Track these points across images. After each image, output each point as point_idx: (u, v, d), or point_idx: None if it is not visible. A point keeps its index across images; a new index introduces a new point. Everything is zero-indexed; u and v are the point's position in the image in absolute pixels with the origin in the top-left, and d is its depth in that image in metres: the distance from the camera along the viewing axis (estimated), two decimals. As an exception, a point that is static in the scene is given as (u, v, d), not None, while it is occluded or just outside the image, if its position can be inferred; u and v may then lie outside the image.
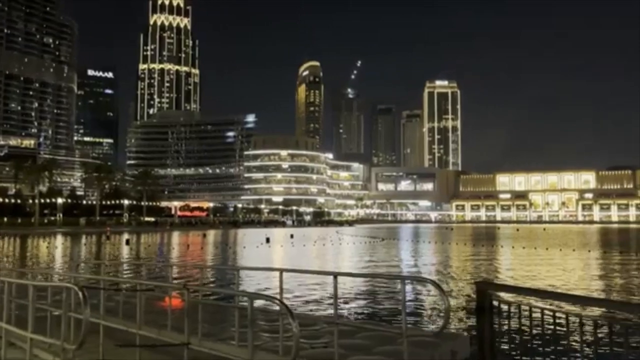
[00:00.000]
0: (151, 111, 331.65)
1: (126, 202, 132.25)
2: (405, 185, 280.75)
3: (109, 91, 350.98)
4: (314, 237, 78.47)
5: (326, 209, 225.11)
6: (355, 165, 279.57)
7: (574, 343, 4.48)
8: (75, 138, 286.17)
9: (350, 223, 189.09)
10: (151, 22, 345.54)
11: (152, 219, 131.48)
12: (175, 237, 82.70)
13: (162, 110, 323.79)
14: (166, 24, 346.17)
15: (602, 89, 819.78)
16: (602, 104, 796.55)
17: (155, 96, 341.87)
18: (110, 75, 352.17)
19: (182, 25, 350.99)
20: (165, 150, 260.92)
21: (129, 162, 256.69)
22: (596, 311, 7.22)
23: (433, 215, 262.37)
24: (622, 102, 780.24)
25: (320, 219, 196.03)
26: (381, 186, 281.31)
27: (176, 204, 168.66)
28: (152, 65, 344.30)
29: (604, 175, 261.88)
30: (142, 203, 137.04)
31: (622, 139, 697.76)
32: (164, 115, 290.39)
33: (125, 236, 73.82)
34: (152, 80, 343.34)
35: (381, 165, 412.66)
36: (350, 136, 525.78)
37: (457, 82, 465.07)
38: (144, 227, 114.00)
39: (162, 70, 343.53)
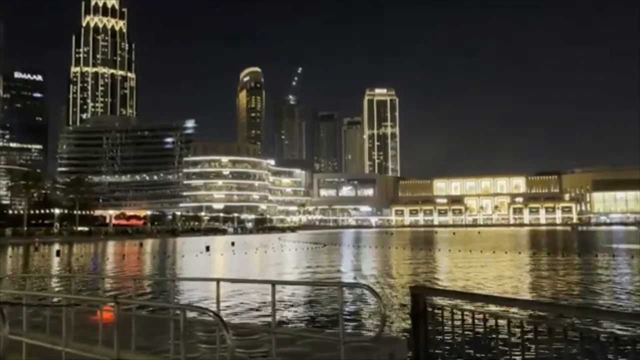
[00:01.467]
0: (84, 116, 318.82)
1: (57, 211, 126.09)
2: (346, 191, 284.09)
3: (38, 95, 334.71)
4: (256, 244, 77.79)
5: (268, 216, 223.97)
6: (298, 171, 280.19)
7: (502, 345, 4.63)
8: (0, 144, 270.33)
9: (293, 229, 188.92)
10: (84, 24, 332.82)
11: (86, 229, 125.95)
12: (110, 247, 79.57)
13: (96, 115, 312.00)
14: (100, 26, 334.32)
15: (533, 98, 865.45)
16: (533, 112, 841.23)
17: (89, 100, 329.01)
18: (39, 78, 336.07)
19: (117, 28, 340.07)
20: (99, 156, 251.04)
21: (60, 169, 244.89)
22: (524, 312, 7.53)
23: (373, 220, 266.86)
24: (551, 111, 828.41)
25: (263, 225, 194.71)
26: (323, 192, 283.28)
27: (111, 212, 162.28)
28: (85, 69, 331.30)
29: (533, 180, 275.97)
30: (75, 212, 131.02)
31: (550, 145, 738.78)
32: (98, 120, 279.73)
33: (56, 247, 70.21)
34: (85, 84, 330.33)
35: (323, 171, 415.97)
36: (292, 142, 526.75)
37: (396, 90, 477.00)
38: (77, 237, 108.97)
39: (95, 74, 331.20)
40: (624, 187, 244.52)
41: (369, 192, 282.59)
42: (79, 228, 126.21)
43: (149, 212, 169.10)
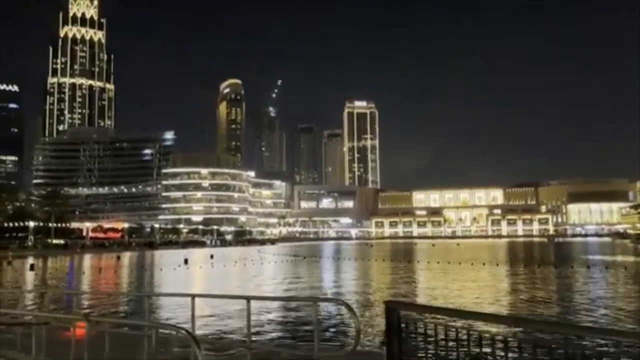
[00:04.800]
0: (61, 127, 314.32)
1: (32, 223, 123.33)
2: (327, 203, 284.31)
3: (13, 105, 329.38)
4: (235, 257, 77.15)
5: (248, 228, 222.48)
6: (278, 183, 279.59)
7: (476, 358, 4.69)
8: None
9: (273, 242, 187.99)
10: (62, 34, 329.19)
11: (61, 242, 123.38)
12: (87, 260, 78.12)
13: (74, 126, 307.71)
14: (78, 36, 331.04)
15: (512, 112, 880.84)
16: (512, 125, 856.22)
17: (66, 112, 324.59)
18: (14, 88, 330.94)
19: (95, 39, 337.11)
20: (76, 168, 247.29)
21: (35, 181, 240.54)
22: (498, 327, 7.61)
23: (353, 232, 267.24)
24: (529, 124, 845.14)
25: (242, 238, 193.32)
26: (303, 204, 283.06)
27: (88, 225, 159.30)
28: (62, 79, 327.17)
29: (511, 192, 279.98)
30: (50, 224, 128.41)
31: (527, 157, 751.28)
32: (76, 132, 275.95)
33: (30, 261, 68.67)
34: (63, 95, 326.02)
35: (303, 183, 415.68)
36: (273, 154, 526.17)
37: (375, 102, 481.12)
38: (52, 251, 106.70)
39: (73, 85, 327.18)
40: (598, 199, 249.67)
41: (349, 204, 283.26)
42: (55, 241, 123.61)
43: (126, 225, 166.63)
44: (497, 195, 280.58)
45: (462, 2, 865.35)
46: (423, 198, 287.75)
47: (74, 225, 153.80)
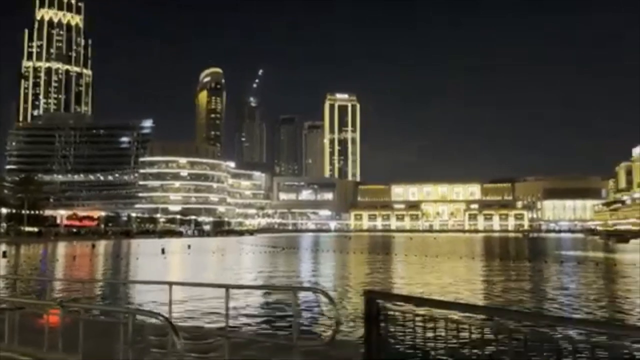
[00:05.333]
0: (36, 112, 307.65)
1: (4, 210, 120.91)
2: (306, 194, 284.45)
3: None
4: (213, 247, 76.80)
5: (227, 219, 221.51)
6: (257, 174, 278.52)
7: (452, 348, 4.76)
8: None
9: (252, 232, 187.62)
10: (38, 17, 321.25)
11: (35, 229, 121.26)
12: (61, 248, 76.87)
13: (49, 111, 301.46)
14: (55, 20, 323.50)
15: (492, 108, 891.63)
16: (491, 121, 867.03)
17: (41, 96, 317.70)
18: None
19: (73, 23, 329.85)
20: (51, 154, 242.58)
21: (8, 166, 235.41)
22: (474, 316, 7.72)
23: (332, 224, 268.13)
24: (508, 120, 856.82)
25: (221, 228, 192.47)
26: (283, 195, 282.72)
27: (63, 212, 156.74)
28: (38, 64, 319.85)
29: (488, 187, 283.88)
30: (23, 211, 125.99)
31: (505, 153, 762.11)
32: (51, 117, 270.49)
33: (2, 248, 67.31)
34: (38, 80, 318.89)
35: (283, 174, 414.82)
36: (253, 145, 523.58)
37: (357, 95, 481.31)
38: (25, 238, 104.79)
39: (49, 69, 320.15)
40: (572, 195, 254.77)
41: (329, 196, 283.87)
42: (28, 228, 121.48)
43: (102, 213, 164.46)
44: (474, 190, 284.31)
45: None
46: (402, 192, 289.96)
47: (48, 212, 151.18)
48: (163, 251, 59.68)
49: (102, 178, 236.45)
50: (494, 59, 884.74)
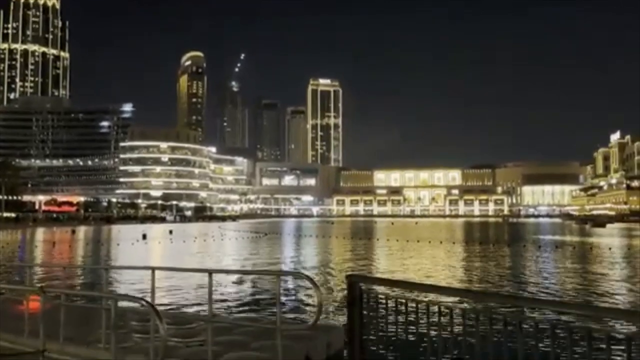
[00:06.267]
0: (12, 96, 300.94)
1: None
2: (289, 180, 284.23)
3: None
4: (195, 233, 76.49)
5: (209, 204, 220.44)
6: (240, 159, 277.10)
7: (434, 331, 4.84)
8: None
9: (234, 218, 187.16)
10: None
11: (12, 215, 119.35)
12: (40, 234, 75.86)
13: (26, 95, 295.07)
14: (31, 1, 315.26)
15: (473, 94, 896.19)
16: (472, 107, 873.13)
17: (17, 79, 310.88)
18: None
19: (49, 4, 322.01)
20: (28, 139, 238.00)
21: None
22: (455, 300, 7.84)
23: (315, 209, 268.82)
24: (489, 107, 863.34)
25: (203, 214, 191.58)
26: (265, 181, 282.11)
27: (41, 198, 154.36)
28: (13, 46, 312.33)
29: (468, 173, 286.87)
30: (0, 197, 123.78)
31: (484, 140, 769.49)
32: (28, 101, 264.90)
33: (-21, 234, 66.27)
34: (14, 62, 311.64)
35: (266, 160, 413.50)
36: (235, 130, 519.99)
37: (340, 81, 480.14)
38: (2, 224, 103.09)
39: (25, 52, 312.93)
40: (551, 181, 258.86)
41: (311, 181, 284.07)
42: (5, 214, 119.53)
43: (82, 199, 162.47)
44: (455, 176, 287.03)
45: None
46: (384, 177, 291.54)
47: (26, 198, 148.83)
48: (144, 237, 59.28)
49: (81, 163, 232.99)
50: (468, 40, 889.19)
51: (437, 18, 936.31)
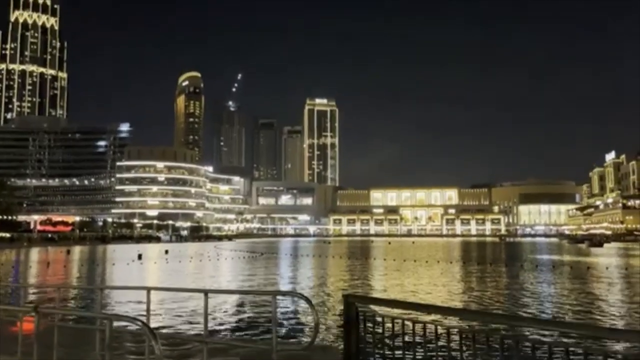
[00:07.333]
0: (9, 116, 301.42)
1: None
2: (285, 199, 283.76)
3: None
4: (191, 253, 76.04)
5: (205, 224, 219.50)
6: (236, 179, 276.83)
7: (431, 351, 4.82)
8: None
9: (230, 238, 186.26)
10: (12, 19, 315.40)
11: (7, 235, 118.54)
12: (34, 254, 75.22)
13: (23, 115, 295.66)
14: (30, 22, 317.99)
15: (470, 116, 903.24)
16: (469, 126, 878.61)
17: (15, 99, 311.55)
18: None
19: (48, 25, 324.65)
20: (24, 158, 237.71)
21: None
22: (453, 320, 7.81)
23: (312, 229, 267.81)
24: (486, 126, 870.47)
25: (199, 233, 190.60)
26: (262, 200, 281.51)
27: (36, 217, 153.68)
28: (12, 66, 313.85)
29: (465, 192, 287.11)
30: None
31: (481, 160, 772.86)
32: (25, 121, 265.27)
33: (-27, 254, 65.67)
34: (12, 82, 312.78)
35: (262, 179, 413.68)
36: (231, 149, 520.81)
37: (336, 101, 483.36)
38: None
39: (23, 72, 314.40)
40: (547, 200, 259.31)
41: (308, 201, 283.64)
42: (0, 234, 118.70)
43: (77, 218, 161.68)
44: (452, 195, 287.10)
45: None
46: (380, 196, 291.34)
47: (21, 218, 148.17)
48: (140, 257, 58.83)
49: (77, 183, 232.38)
50: (466, 58, 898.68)
51: (435, 36, 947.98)
